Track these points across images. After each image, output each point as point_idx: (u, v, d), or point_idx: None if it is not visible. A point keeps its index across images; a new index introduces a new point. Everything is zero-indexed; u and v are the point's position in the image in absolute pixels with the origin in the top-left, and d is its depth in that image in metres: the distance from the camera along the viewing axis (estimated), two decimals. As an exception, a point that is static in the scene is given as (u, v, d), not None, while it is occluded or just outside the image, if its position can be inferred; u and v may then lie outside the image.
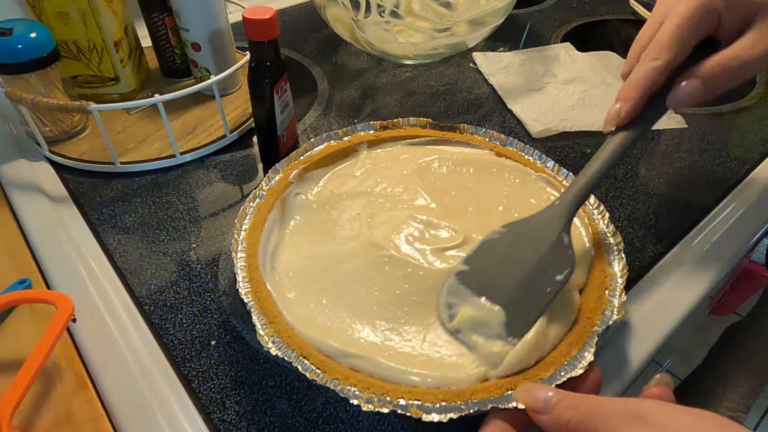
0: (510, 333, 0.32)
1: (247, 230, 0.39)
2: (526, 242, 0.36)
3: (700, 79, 0.34)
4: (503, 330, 0.33)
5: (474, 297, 0.34)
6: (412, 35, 0.61)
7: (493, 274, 0.35)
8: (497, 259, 0.36)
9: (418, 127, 0.49)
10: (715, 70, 0.34)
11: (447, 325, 0.34)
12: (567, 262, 0.34)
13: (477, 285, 0.35)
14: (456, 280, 0.35)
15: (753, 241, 0.47)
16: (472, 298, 0.34)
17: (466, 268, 0.36)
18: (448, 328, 0.34)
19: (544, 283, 0.34)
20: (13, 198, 0.49)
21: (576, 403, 0.26)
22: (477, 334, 0.33)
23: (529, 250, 0.35)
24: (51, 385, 0.35)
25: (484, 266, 0.36)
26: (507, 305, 0.33)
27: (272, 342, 0.32)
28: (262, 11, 0.42)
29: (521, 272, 0.35)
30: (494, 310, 0.33)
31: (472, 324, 0.33)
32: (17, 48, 0.46)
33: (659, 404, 0.24)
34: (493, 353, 0.32)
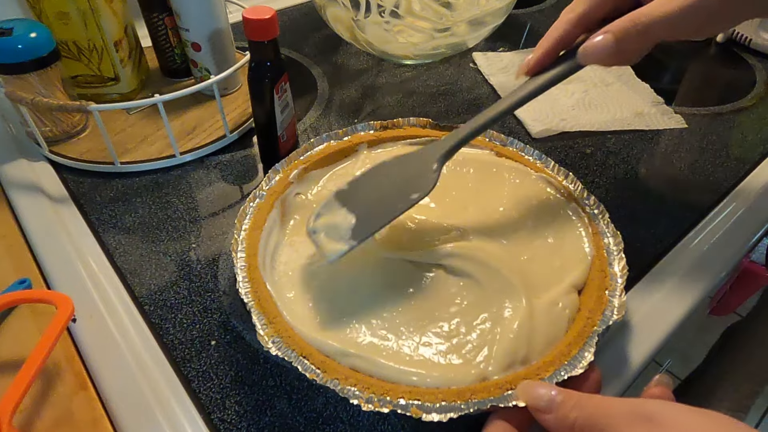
0: (353, 236, 0.35)
1: (247, 230, 0.39)
2: (404, 167, 0.39)
3: (611, 33, 0.34)
4: (348, 233, 0.36)
5: (338, 208, 0.37)
6: (412, 35, 0.61)
7: (364, 191, 0.38)
8: (373, 181, 0.39)
9: (418, 127, 0.49)
10: (626, 25, 0.33)
11: (308, 226, 0.37)
12: (427, 184, 0.37)
13: (346, 199, 0.38)
14: (332, 196, 0.38)
15: (753, 241, 0.47)
16: (336, 209, 0.37)
17: (346, 187, 0.38)
18: (308, 229, 0.37)
19: (400, 199, 0.37)
20: (13, 198, 0.49)
21: (581, 403, 0.26)
22: (325, 235, 0.36)
23: (403, 173, 0.38)
24: (51, 385, 0.35)
25: (360, 186, 0.39)
26: (360, 214, 0.37)
27: (272, 342, 0.32)
28: (262, 11, 0.42)
29: (387, 189, 0.38)
30: (347, 216, 0.37)
31: (326, 227, 0.36)
32: (17, 48, 0.46)
33: (666, 404, 0.24)
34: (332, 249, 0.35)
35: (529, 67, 0.38)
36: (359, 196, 0.38)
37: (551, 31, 0.37)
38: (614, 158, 0.54)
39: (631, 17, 0.34)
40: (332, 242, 0.36)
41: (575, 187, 0.44)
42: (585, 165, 0.53)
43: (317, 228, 0.37)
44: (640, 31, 0.33)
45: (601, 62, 0.35)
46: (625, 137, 0.57)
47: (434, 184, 0.37)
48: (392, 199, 0.37)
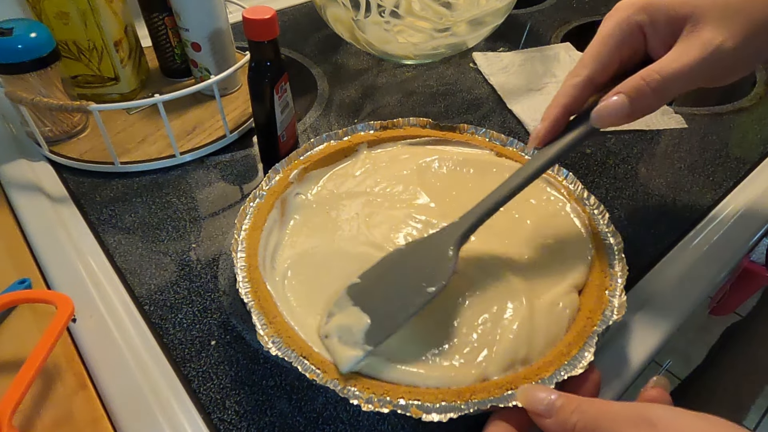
0: (367, 340, 0.32)
1: (247, 230, 0.39)
2: (417, 257, 0.36)
3: (624, 95, 0.32)
4: (362, 336, 0.32)
5: (351, 306, 0.34)
6: (412, 35, 0.61)
7: (377, 286, 0.35)
8: (387, 272, 0.36)
9: (418, 127, 0.49)
10: (639, 84, 0.32)
11: (320, 330, 0.34)
12: (444, 274, 0.34)
13: (359, 296, 0.35)
14: (344, 292, 0.35)
15: (753, 241, 0.47)
16: (349, 307, 0.34)
17: (358, 281, 0.36)
18: (320, 333, 0.34)
19: (416, 293, 0.34)
20: (13, 198, 0.49)
21: (582, 407, 0.26)
22: (338, 340, 0.33)
23: (416, 262, 0.36)
24: (51, 385, 0.35)
25: (373, 279, 0.36)
26: (374, 314, 0.33)
27: (272, 342, 0.32)
28: (262, 11, 0.42)
29: (401, 284, 0.35)
30: (361, 317, 0.33)
31: (339, 330, 0.33)
32: (17, 48, 0.46)
33: (668, 409, 0.24)
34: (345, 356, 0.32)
35: (539, 138, 0.36)
36: (372, 292, 0.35)
37: (557, 99, 0.35)
38: (614, 158, 0.54)
39: (644, 76, 0.32)
40: (346, 348, 0.32)
41: (575, 187, 0.44)
42: (585, 165, 0.53)
43: (330, 332, 0.34)
44: (655, 89, 0.32)
45: (616, 124, 0.33)
46: (625, 137, 0.57)
47: (452, 272, 0.34)
48: (407, 293, 0.34)
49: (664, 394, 0.28)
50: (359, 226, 0.41)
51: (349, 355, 0.32)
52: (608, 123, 0.33)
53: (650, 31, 0.34)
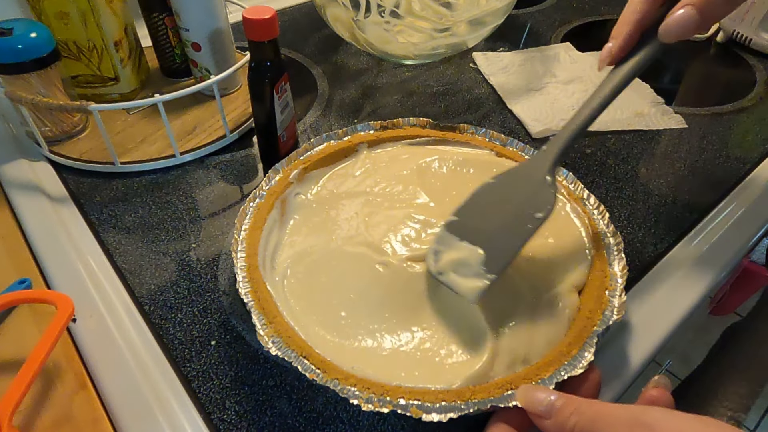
0: (487, 269, 0.33)
1: (247, 230, 0.39)
2: (512, 187, 0.37)
3: (693, 6, 0.32)
4: (481, 268, 0.33)
5: (458, 242, 0.35)
6: (412, 35, 0.61)
7: (478, 219, 0.36)
8: (484, 205, 0.37)
9: (418, 127, 0.49)
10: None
11: (431, 268, 0.35)
12: (548, 199, 0.35)
13: (462, 231, 0.36)
14: (445, 229, 0.36)
15: (753, 241, 0.47)
16: (456, 243, 0.35)
17: (455, 218, 0.36)
18: (432, 272, 0.35)
19: (524, 221, 0.34)
20: (13, 198, 0.49)
21: (581, 409, 0.26)
22: (457, 274, 0.34)
23: (514, 194, 0.36)
24: (51, 385, 0.35)
25: (471, 214, 0.36)
26: (487, 244, 0.34)
27: (272, 342, 0.32)
28: (262, 11, 0.42)
29: (504, 214, 0.35)
30: (474, 250, 0.34)
31: (454, 265, 0.34)
32: (17, 48, 0.46)
33: (666, 412, 0.24)
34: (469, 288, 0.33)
35: (612, 55, 0.35)
36: (474, 226, 0.36)
37: (628, 15, 0.34)
38: (614, 158, 0.54)
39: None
40: (468, 280, 0.33)
41: (575, 187, 0.44)
42: (585, 165, 0.53)
43: (444, 268, 0.34)
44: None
45: (685, 36, 0.33)
46: (625, 137, 0.57)
47: (555, 198, 0.35)
48: (515, 222, 0.35)
49: (665, 394, 0.28)
50: (358, 226, 0.41)
51: (475, 286, 0.33)
52: (677, 36, 0.33)
53: None
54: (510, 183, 0.37)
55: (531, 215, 0.34)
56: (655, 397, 0.28)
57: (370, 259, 0.38)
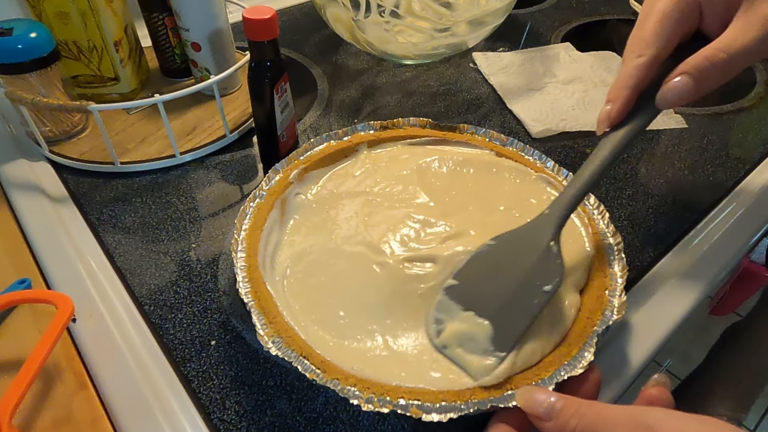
0: (496, 347, 0.32)
1: (247, 230, 0.39)
2: (515, 253, 0.35)
3: (689, 75, 0.33)
4: (489, 344, 0.32)
5: (461, 311, 0.34)
6: (412, 35, 0.61)
7: (481, 287, 0.34)
8: (486, 271, 0.35)
9: (418, 127, 0.49)
10: (704, 64, 0.32)
11: (434, 340, 0.34)
12: (556, 271, 0.34)
13: (465, 299, 0.34)
14: (445, 295, 0.35)
15: (753, 241, 0.47)
16: (460, 313, 0.34)
17: (456, 282, 0.35)
18: (435, 344, 0.34)
19: (532, 295, 0.33)
20: (13, 198, 0.49)
21: (581, 411, 0.26)
22: (463, 349, 0.32)
23: (517, 261, 0.35)
24: (51, 385, 0.35)
25: (473, 280, 0.35)
26: (494, 318, 0.33)
27: (272, 342, 0.32)
28: (262, 11, 0.42)
29: (509, 284, 0.34)
30: (481, 323, 0.33)
31: (459, 339, 0.33)
32: (17, 48, 0.46)
33: (666, 413, 0.24)
34: (480, 367, 0.31)
35: (610, 119, 0.35)
36: (478, 294, 0.34)
37: (625, 80, 0.35)
38: (614, 158, 0.54)
39: (707, 56, 0.32)
40: (477, 358, 0.32)
41: (575, 187, 0.44)
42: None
43: (449, 342, 0.33)
44: (720, 68, 0.32)
45: (681, 104, 0.34)
46: (625, 137, 0.57)
47: (563, 270, 0.34)
48: (522, 295, 0.33)
49: (665, 393, 0.28)
50: (357, 226, 0.41)
51: (484, 364, 0.31)
52: (673, 104, 0.34)
53: (707, 8, 0.35)
54: (512, 248, 0.35)
55: (539, 288, 0.33)
56: (655, 396, 0.28)
57: (368, 259, 0.38)
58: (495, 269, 0.35)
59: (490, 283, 0.34)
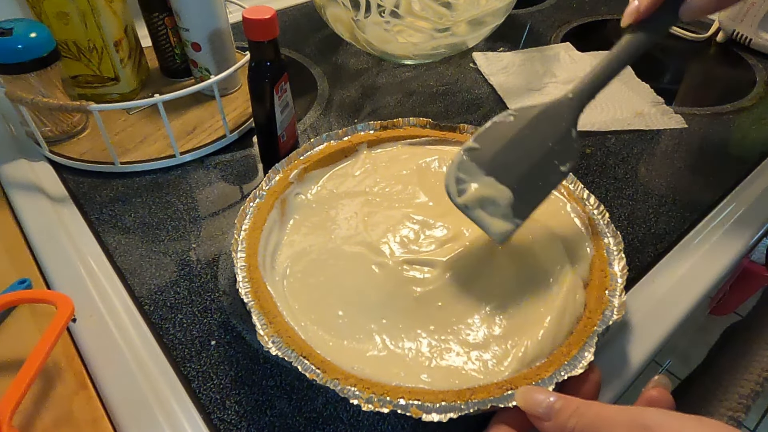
0: (515, 214, 0.34)
1: (247, 230, 0.39)
2: (536, 130, 0.36)
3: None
4: (509, 210, 0.34)
5: (483, 175, 0.35)
6: (412, 35, 0.61)
7: (502, 155, 0.36)
8: (507, 141, 0.36)
9: (418, 127, 0.49)
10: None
11: (457, 200, 0.35)
12: (572, 154, 0.36)
13: (486, 164, 0.35)
14: (466, 156, 0.36)
15: (753, 241, 0.47)
16: (482, 177, 0.35)
17: (477, 145, 0.36)
18: (458, 202, 0.35)
19: (550, 172, 0.35)
20: (13, 198, 0.49)
21: (580, 411, 0.26)
22: (485, 212, 0.34)
23: (538, 138, 0.36)
24: (51, 385, 0.35)
25: (494, 146, 0.36)
26: (514, 187, 0.35)
27: (272, 342, 0.32)
28: (262, 11, 0.42)
29: (530, 158, 0.35)
30: (504, 190, 0.34)
31: (481, 201, 0.34)
32: (17, 48, 0.46)
33: (665, 413, 0.24)
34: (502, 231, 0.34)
35: (639, 13, 0.36)
36: (498, 160, 0.35)
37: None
38: (614, 158, 0.54)
39: None
40: (496, 220, 0.34)
41: (575, 187, 0.44)
42: (585, 165, 0.53)
43: (470, 203, 0.34)
44: None
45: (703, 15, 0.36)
46: (625, 137, 0.57)
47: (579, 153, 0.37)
48: (541, 170, 0.35)
49: (665, 394, 0.28)
50: (357, 226, 0.41)
51: (505, 228, 0.34)
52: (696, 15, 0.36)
53: None
54: (535, 125, 0.36)
55: (557, 167, 0.35)
56: (656, 397, 0.28)
57: (367, 259, 0.38)
58: (515, 140, 0.36)
59: (511, 152, 0.36)
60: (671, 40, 0.77)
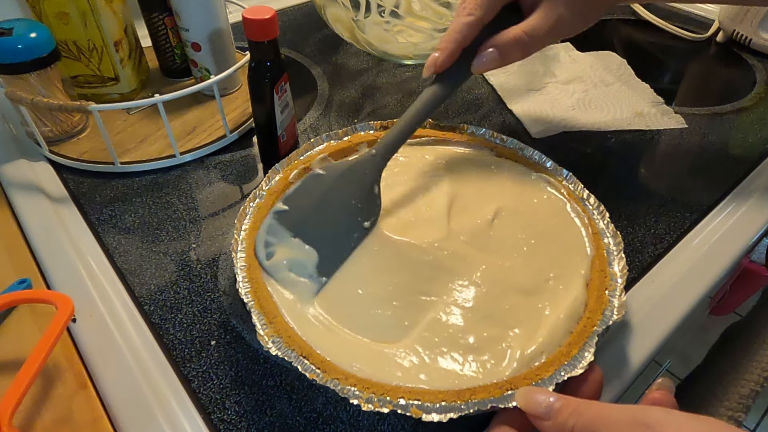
0: (321, 272, 0.36)
1: (247, 230, 0.39)
2: (341, 188, 0.39)
3: (497, 50, 0.40)
4: (314, 270, 0.36)
5: (291, 237, 0.38)
6: (412, 35, 0.61)
7: (309, 215, 0.39)
8: (314, 200, 0.39)
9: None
10: (511, 42, 0.40)
11: (264, 263, 0.36)
12: (374, 210, 0.39)
13: (293, 225, 0.38)
14: (275, 219, 0.38)
15: (753, 241, 0.47)
16: (289, 239, 0.37)
17: (285, 207, 0.39)
18: (265, 266, 0.36)
19: (353, 229, 0.38)
20: (13, 198, 0.49)
21: (580, 410, 0.26)
22: (292, 272, 0.36)
23: (343, 196, 0.39)
24: (51, 385, 0.35)
25: (302, 207, 0.39)
26: (319, 247, 0.37)
27: (272, 342, 0.32)
28: (262, 11, 0.42)
29: (335, 216, 0.38)
30: (308, 250, 0.37)
31: (288, 264, 0.36)
32: (17, 48, 0.46)
33: (665, 412, 0.24)
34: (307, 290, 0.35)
35: (438, 65, 0.41)
36: (304, 221, 0.38)
37: (453, 34, 0.40)
38: (614, 158, 0.54)
39: (514, 36, 0.40)
40: (304, 281, 0.36)
41: (575, 187, 0.44)
42: (585, 165, 0.53)
43: (277, 266, 0.36)
44: (522, 47, 0.40)
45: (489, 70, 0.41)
46: (625, 137, 0.57)
47: (379, 210, 0.39)
48: (345, 228, 0.38)
49: (668, 396, 0.28)
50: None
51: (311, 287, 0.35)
52: (483, 71, 0.41)
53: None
54: (340, 184, 0.40)
55: (360, 223, 0.38)
56: (658, 399, 0.28)
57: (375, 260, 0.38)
58: (322, 201, 0.39)
59: (317, 213, 0.39)
60: (671, 40, 0.77)
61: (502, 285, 0.37)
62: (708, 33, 0.76)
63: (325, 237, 0.37)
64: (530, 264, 0.38)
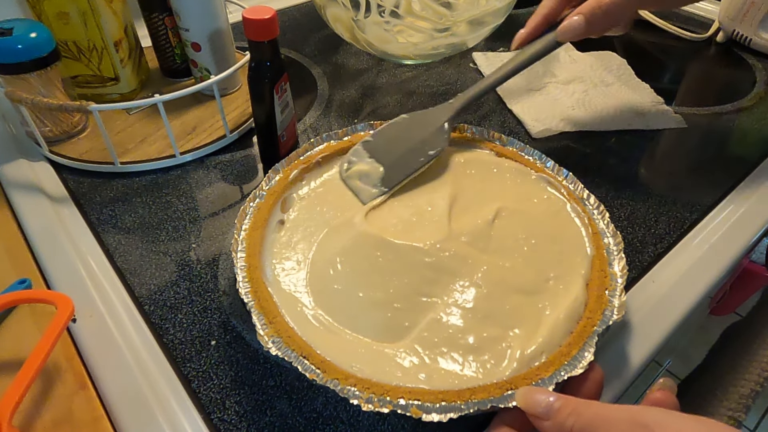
0: (383, 184, 0.43)
1: (247, 230, 0.39)
2: (418, 126, 0.46)
3: (582, 15, 0.43)
4: (379, 181, 0.43)
5: (367, 158, 0.44)
6: (412, 35, 0.61)
7: (386, 144, 0.45)
8: (394, 134, 0.46)
9: (418, 127, 0.49)
10: (594, 8, 0.43)
11: (342, 173, 0.44)
12: (440, 143, 0.45)
13: (372, 150, 0.45)
14: (360, 145, 0.45)
15: (753, 241, 0.47)
16: (365, 158, 0.44)
17: (371, 139, 0.45)
18: (342, 175, 0.44)
19: (419, 154, 0.44)
20: (13, 198, 0.49)
21: (579, 410, 0.26)
22: (360, 181, 0.43)
23: (417, 132, 0.46)
24: (51, 385, 0.35)
25: (383, 139, 0.46)
26: (387, 165, 0.44)
27: (272, 342, 0.32)
28: (262, 11, 0.42)
29: (405, 145, 0.45)
30: (376, 166, 0.44)
31: (359, 174, 0.43)
32: (17, 48, 0.46)
33: (664, 413, 0.24)
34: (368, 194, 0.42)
35: (521, 39, 0.46)
36: (383, 148, 0.45)
37: (540, 9, 0.45)
38: (614, 158, 0.54)
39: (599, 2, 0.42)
40: (367, 187, 0.42)
41: (575, 187, 0.44)
42: (585, 165, 0.53)
43: (350, 176, 0.44)
44: (606, 14, 0.43)
45: (575, 38, 0.44)
46: (625, 137, 0.57)
47: (447, 143, 0.45)
48: (412, 153, 0.44)
49: (670, 397, 0.28)
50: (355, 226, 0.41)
51: (371, 192, 0.42)
52: (569, 37, 0.44)
53: None
54: (418, 122, 0.47)
55: (426, 151, 0.44)
56: (660, 400, 0.28)
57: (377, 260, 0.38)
58: (400, 133, 0.46)
59: (393, 142, 0.46)
60: (671, 40, 0.77)
61: (502, 285, 0.37)
62: (708, 33, 0.76)
63: (393, 158, 0.44)
64: (530, 264, 0.38)
